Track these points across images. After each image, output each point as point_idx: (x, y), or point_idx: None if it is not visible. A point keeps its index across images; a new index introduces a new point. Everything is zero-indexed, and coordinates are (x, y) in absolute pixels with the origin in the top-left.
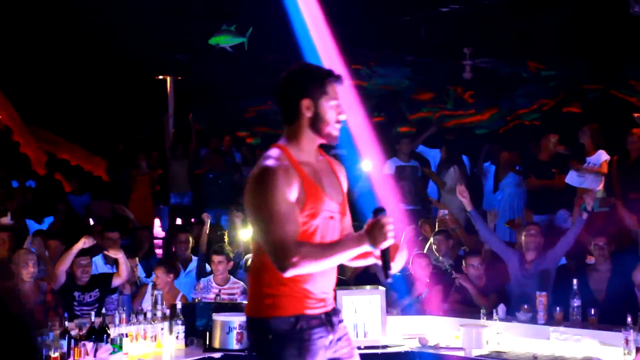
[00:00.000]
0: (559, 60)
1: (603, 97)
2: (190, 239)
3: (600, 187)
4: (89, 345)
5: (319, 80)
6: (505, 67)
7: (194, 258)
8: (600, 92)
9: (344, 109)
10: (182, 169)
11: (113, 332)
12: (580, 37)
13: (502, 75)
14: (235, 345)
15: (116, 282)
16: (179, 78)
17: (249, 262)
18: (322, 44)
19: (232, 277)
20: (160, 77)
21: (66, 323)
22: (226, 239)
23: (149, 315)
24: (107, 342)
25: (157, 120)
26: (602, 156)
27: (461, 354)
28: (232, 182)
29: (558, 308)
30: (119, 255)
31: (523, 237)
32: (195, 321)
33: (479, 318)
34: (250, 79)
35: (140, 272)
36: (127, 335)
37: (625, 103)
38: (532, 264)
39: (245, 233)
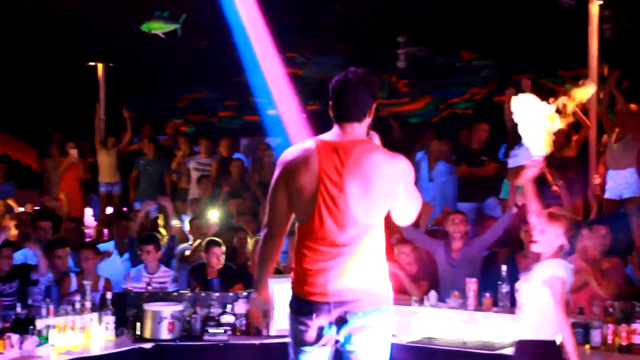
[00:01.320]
0: (490, 50)
1: (534, 87)
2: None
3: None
4: (14, 337)
5: None
6: (439, 56)
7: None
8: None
9: None
10: (112, 158)
11: (39, 323)
12: (511, 27)
13: (436, 64)
14: (166, 335)
15: (36, 275)
16: (111, 65)
17: (186, 252)
18: (255, 32)
19: (162, 265)
20: (91, 63)
21: None
22: (161, 224)
23: (77, 306)
24: (33, 334)
25: (90, 108)
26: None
27: (392, 340)
28: (162, 171)
29: (487, 294)
30: (35, 249)
31: (449, 227)
32: (126, 311)
33: (410, 305)
34: (184, 66)
35: (70, 262)
36: (54, 327)
37: (556, 92)
38: (458, 253)
39: (176, 221)
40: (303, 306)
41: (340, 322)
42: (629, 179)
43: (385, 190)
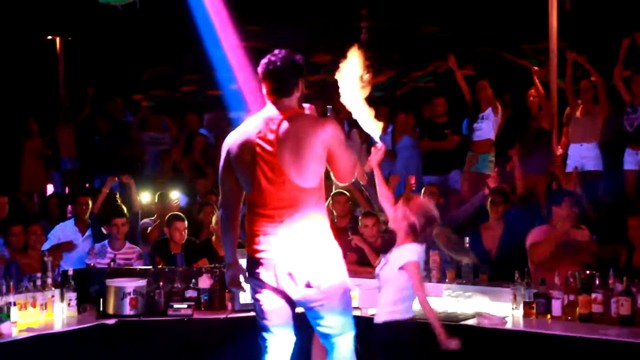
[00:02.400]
0: (452, 23)
1: (494, 60)
2: (90, 202)
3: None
4: None
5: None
6: (401, 30)
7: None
8: (492, 54)
9: None
10: (70, 133)
11: (0, 300)
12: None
13: (399, 38)
14: (129, 311)
15: None
16: (69, 39)
17: (149, 229)
18: (215, 4)
19: (127, 242)
20: (49, 37)
21: None
22: (119, 201)
23: (38, 282)
24: None
25: (49, 83)
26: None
27: (357, 313)
28: (118, 147)
29: (450, 266)
30: None
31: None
32: (89, 287)
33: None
34: (145, 40)
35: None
36: (15, 304)
37: (517, 65)
38: None
39: (144, 197)
40: (254, 264)
41: (288, 278)
42: (591, 152)
43: (316, 152)
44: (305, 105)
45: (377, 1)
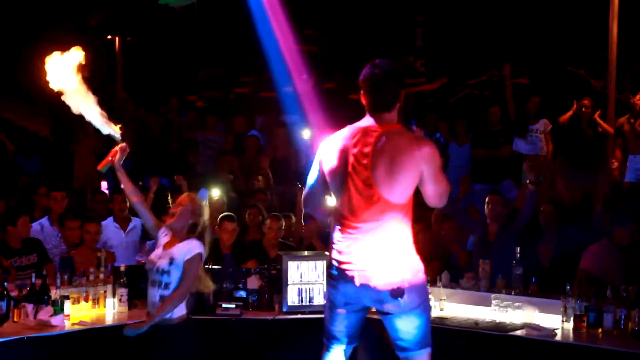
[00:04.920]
0: (507, 32)
1: (552, 70)
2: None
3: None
4: (29, 306)
5: None
6: (457, 37)
7: (133, 219)
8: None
9: None
10: (126, 132)
11: (54, 293)
12: (532, 13)
13: (454, 45)
14: None
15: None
16: (128, 39)
17: None
18: (271, 7)
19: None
20: (109, 37)
21: (5, 284)
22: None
23: (91, 277)
24: (47, 304)
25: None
26: (547, 125)
27: None
28: (168, 146)
29: (500, 275)
30: None
31: (486, 207)
32: (140, 284)
33: None
34: (201, 41)
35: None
36: (68, 298)
37: (574, 75)
38: (494, 235)
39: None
40: (334, 271)
41: (366, 291)
42: None
43: (409, 172)
44: (414, 127)
45: (433, 8)
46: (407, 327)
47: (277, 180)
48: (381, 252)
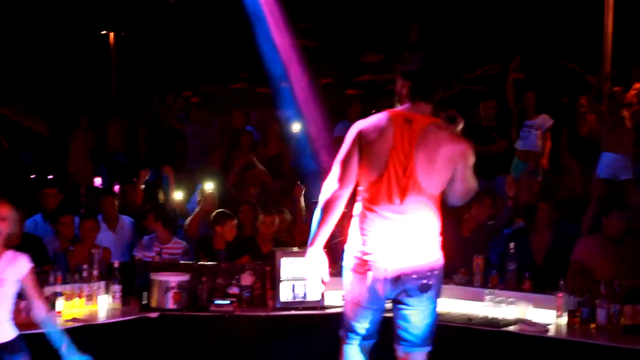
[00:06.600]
0: (502, 26)
1: (545, 64)
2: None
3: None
4: (21, 303)
5: None
6: (451, 32)
7: (122, 217)
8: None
9: None
10: (119, 127)
11: (47, 290)
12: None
13: (448, 40)
14: (172, 306)
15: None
16: (123, 34)
17: (187, 220)
18: (267, 2)
19: (174, 236)
20: (104, 32)
21: None
22: (161, 197)
23: (84, 274)
24: None
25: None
26: (547, 121)
27: None
28: (155, 137)
29: (494, 271)
30: None
31: (476, 207)
32: (133, 280)
33: None
34: (196, 36)
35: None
36: (61, 294)
37: (570, 70)
38: (470, 231)
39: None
40: (359, 264)
41: (395, 283)
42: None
43: (446, 165)
44: (459, 118)
45: (429, 3)
46: (420, 322)
47: (271, 176)
48: (416, 242)
